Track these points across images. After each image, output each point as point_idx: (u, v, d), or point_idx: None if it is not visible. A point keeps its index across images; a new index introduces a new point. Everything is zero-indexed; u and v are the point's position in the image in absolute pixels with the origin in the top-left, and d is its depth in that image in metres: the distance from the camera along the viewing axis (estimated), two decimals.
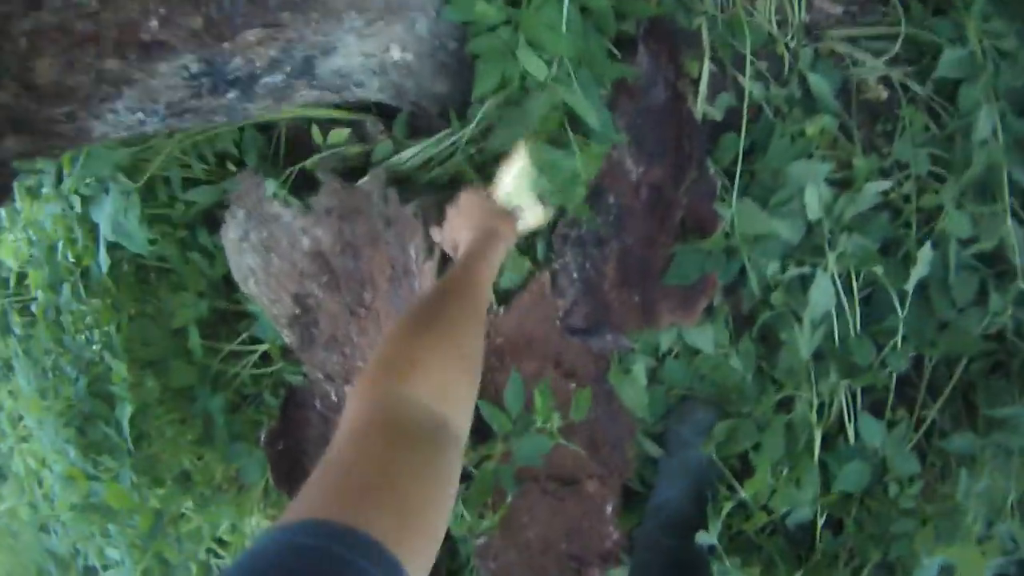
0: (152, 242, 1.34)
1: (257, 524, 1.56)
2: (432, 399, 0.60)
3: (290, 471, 1.43)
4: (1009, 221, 1.19)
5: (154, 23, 0.95)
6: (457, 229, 1.03)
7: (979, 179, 1.22)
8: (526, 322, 1.18)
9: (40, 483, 2.09)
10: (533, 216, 1.10)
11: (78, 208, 1.41)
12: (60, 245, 1.53)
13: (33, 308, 1.80)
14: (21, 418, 2.06)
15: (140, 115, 1.05)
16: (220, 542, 1.73)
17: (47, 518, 2.36)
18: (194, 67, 1.01)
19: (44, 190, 1.50)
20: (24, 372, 1.66)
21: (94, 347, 1.60)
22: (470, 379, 0.69)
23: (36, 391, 1.70)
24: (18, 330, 1.84)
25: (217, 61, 1.02)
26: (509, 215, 1.07)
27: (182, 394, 1.47)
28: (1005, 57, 1.21)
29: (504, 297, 1.20)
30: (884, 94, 1.35)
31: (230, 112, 1.12)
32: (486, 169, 1.18)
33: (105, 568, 1.90)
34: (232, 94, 1.08)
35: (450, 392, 0.63)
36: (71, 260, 1.55)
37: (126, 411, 1.42)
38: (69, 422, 1.61)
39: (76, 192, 1.36)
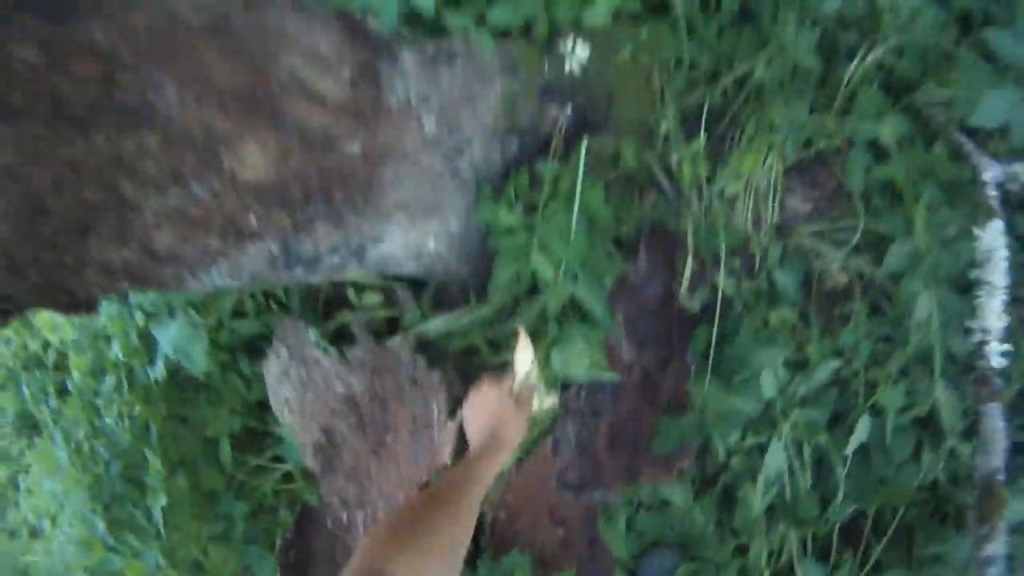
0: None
1: None
2: None
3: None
4: (939, 390, 1.39)
5: (252, 218, 1.13)
6: (470, 419, 1.14)
7: (917, 355, 1.42)
8: (528, 480, 1.39)
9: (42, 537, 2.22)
10: (543, 399, 1.29)
11: (139, 320, 1.58)
12: (114, 342, 1.69)
13: (68, 384, 1.95)
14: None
15: (228, 280, 1.24)
16: None
17: (46, 572, 2.49)
18: (275, 250, 1.20)
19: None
20: (58, 439, 1.81)
21: (127, 437, 1.76)
22: None
23: (68, 461, 1.85)
24: (52, 402, 1.99)
25: (292, 246, 1.22)
26: (520, 414, 1.16)
27: (207, 495, 1.64)
28: (947, 245, 1.40)
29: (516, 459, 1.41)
30: (844, 280, 1.52)
31: (295, 281, 1.32)
32: (498, 345, 1.38)
33: None
34: (299, 269, 1.28)
35: None
36: (121, 358, 1.71)
37: (159, 500, 1.58)
38: (97, 497, 1.76)
39: (141, 308, 1.53)
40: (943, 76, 1.40)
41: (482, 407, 1.15)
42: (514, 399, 1.19)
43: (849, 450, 1.44)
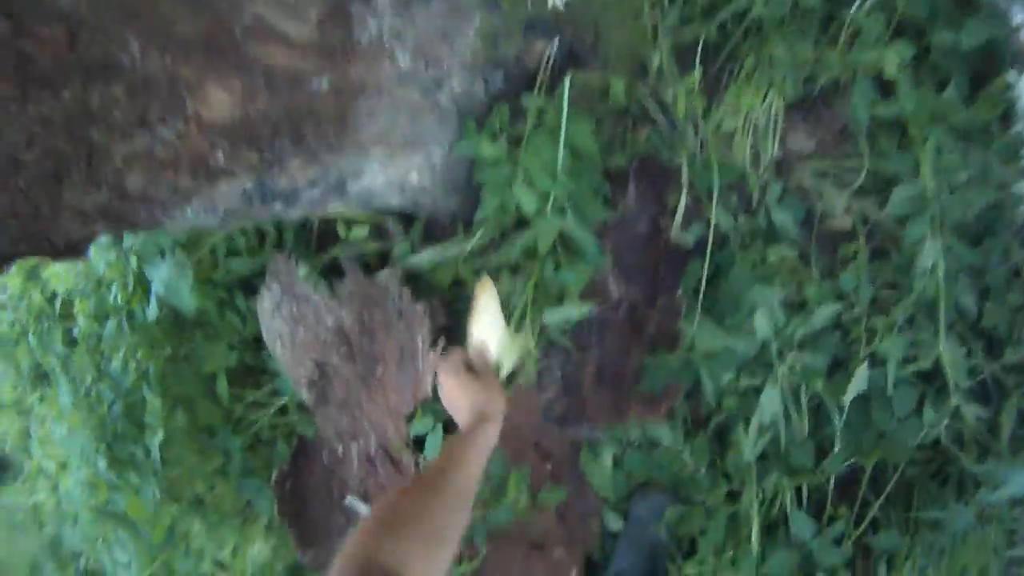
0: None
1: (259, 551, 1.76)
2: None
3: (294, 509, 1.64)
4: (943, 343, 1.33)
5: (219, 155, 1.15)
6: (448, 400, 1.11)
7: (921, 304, 1.37)
8: (513, 410, 1.38)
9: (56, 485, 2.29)
10: (514, 349, 1.20)
11: (134, 264, 1.62)
12: (114, 287, 1.73)
13: (75, 332, 2.01)
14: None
15: (202, 217, 1.26)
16: (220, 565, 1.92)
17: (56, 515, 2.57)
18: (248, 186, 1.22)
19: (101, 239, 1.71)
20: (64, 386, 1.86)
21: (130, 378, 1.80)
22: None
23: (72, 405, 1.91)
24: (59, 348, 2.05)
25: (267, 182, 1.23)
26: (497, 390, 1.11)
27: (206, 430, 1.67)
28: (955, 191, 1.33)
29: None
30: (847, 221, 1.50)
31: (274, 216, 1.33)
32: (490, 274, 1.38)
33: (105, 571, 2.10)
34: (278, 205, 1.30)
35: None
36: (120, 302, 1.75)
37: (157, 438, 1.62)
38: (101, 437, 1.81)
39: (135, 252, 1.57)
40: (953, 18, 1.34)
41: (458, 386, 1.11)
42: (484, 368, 1.15)
43: (847, 399, 1.39)
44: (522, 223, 1.37)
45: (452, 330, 1.44)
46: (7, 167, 0.97)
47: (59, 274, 2.16)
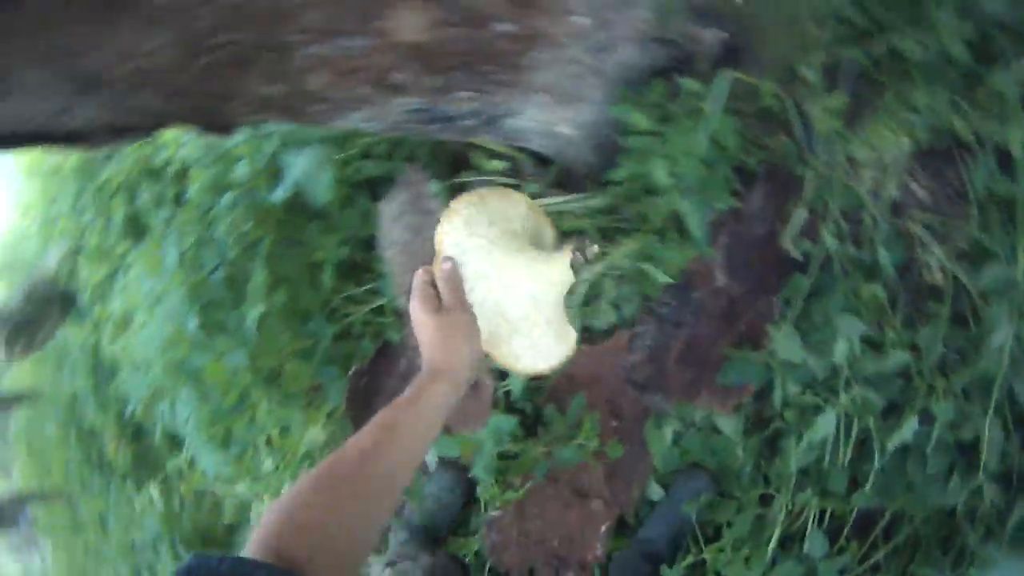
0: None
1: (315, 437, 1.89)
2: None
3: (360, 405, 1.76)
4: (988, 422, 1.38)
5: (399, 75, 1.24)
6: (417, 334, 0.97)
7: (980, 379, 1.42)
8: (599, 363, 1.48)
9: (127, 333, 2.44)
10: (564, 346, 0.98)
11: (271, 147, 1.73)
12: (241, 164, 1.85)
13: (184, 197, 2.12)
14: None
15: (369, 124, 1.35)
16: (271, 441, 2.06)
17: (113, 361, 2.72)
18: (418, 105, 1.31)
19: None
20: (169, 241, 1.98)
21: (236, 250, 1.92)
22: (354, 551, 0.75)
23: (173, 263, 2.03)
24: (165, 212, 2.18)
25: (435, 106, 1.32)
26: (462, 336, 0.94)
27: (301, 314, 1.79)
28: None
29: (590, 337, 1.49)
30: (940, 279, 1.55)
31: (427, 134, 1.43)
32: (606, 235, 1.46)
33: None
34: (436, 126, 1.40)
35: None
36: (244, 178, 1.87)
37: (256, 310, 1.74)
38: (195, 298, 1.94)
39: (278, 136, 1.68)
40: None
41: (419, 318, 0.97)
42: (453, 302, 0.98)
43: (891, 443, 1.45)
44: (648, 192, 1.45)
45: None
46: (197, 47, 1.02)
47: (177, 139, 2.28)
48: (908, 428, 1.41)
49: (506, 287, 0.97)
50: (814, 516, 1.49)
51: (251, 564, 0.65)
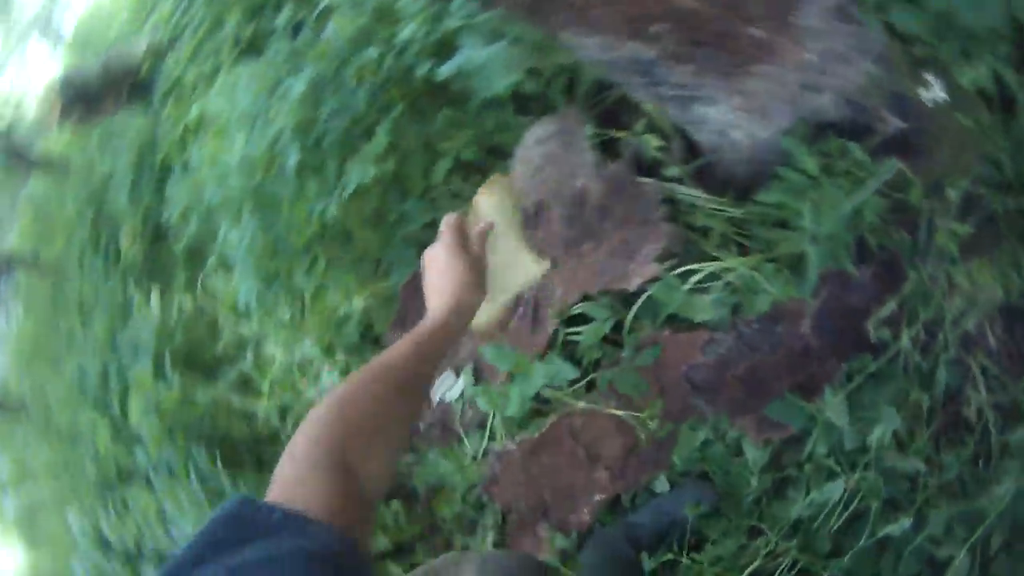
0: None
1: (357, 305, 1.91)
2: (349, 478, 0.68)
3: (416, 296, 1.79)
4: (962, 554, 1.50)
5: (657, 27, 1.32)
6: (437, 270, 1.01)
7: (975, 513, 1.54)
8: (673, 347, 1.56)
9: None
10: (525, 274, 1.20)
11: (450, 23, 1.75)
12: (409, 28, 1.86)
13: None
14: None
15: (593, 51, 1.41)
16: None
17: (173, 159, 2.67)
18: (643, 57, 1.40)
19: None
20: (304, 72, 1.97)
21: (362, 104, 1.93)
22: (390, 460, 0.78)
23: (286, 91, 2.03)
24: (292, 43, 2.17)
25: (656, 68, 1.40)
26: (478, 278, 1.01)
27: (401, 189, 1.82)
28: None
29: (677, 326, 1.57)
30: (972, 416, 1.68)
31: (622, 83, 1.50)
32: (726, 241, 1.54)
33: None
34: (637, 78, 1.49)
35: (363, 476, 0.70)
36: (402, 42, 1.88)
37: (363, 169, 1.76)
38: (301, 134, 1.94)
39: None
40: None
41: (448, 257, 1.01)
42: (478, 250, 1.05)
43: (881, 532, 1.58)
44: (779, 224, 1.54)
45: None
46: None
47: None
48: (901, 524, 1.55)
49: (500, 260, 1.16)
50: (788, 564, 1.60)
51: (302, 519, 0.61)
